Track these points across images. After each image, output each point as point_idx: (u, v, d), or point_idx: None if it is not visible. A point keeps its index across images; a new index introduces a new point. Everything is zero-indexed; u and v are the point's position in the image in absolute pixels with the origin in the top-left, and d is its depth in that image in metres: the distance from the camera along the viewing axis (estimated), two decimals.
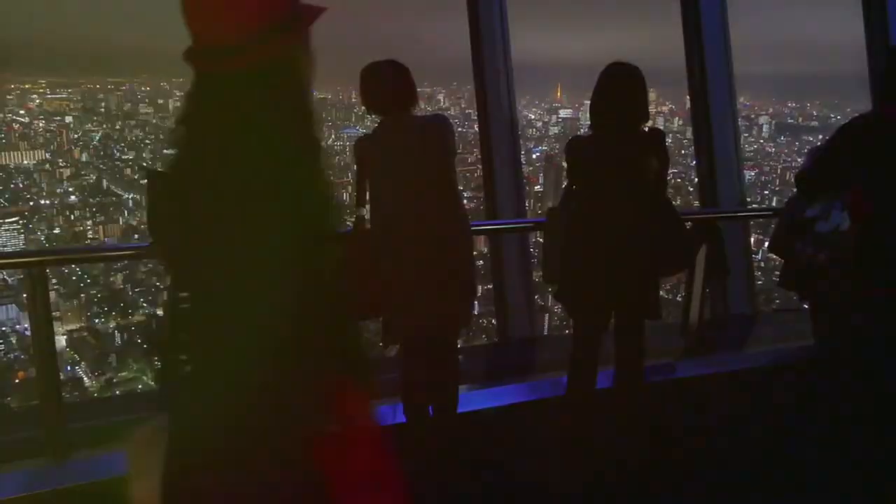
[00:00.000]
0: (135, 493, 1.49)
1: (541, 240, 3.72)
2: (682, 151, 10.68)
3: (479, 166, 5.14)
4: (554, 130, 12.33)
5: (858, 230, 2.96)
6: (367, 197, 3.14)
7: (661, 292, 3.45)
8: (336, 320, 1.40)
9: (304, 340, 1.32)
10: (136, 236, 10.09)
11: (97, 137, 11.05)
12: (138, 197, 10.19)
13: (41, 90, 11.07)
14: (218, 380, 1.35)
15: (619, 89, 3.10)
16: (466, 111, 10.97)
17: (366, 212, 3.15)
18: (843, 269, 3.02)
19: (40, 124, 10.91)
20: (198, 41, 1.34)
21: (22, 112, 11.04)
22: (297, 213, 1.32)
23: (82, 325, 9.36)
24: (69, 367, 8.82)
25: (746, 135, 11.66)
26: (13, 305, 8.78)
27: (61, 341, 8.71)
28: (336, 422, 1.41)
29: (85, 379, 8.94)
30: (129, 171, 10.89)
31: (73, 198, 10.36)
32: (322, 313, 1.35)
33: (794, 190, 3.30)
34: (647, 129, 3.16)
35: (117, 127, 11.18)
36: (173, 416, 1.43)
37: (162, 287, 9.67)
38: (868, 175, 2.95)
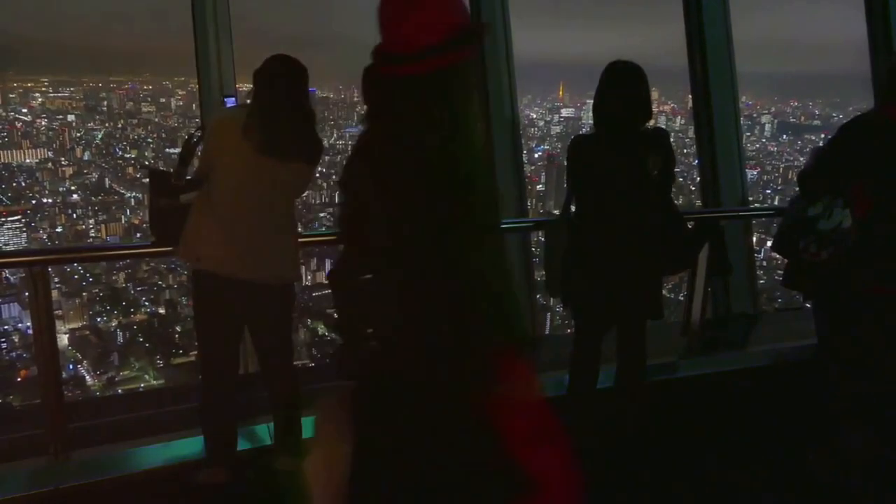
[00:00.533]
0: (318, 457, 1.66)
1: (542, 239, 3.72)
2: (685, 150, 10.66)
3: None
4: (556, 130, 12.31)
5: (860, 228, 2.97)
6: None
7: (662, 291, 3.45)
8: (501, 298, 1.64)
9: (477, 315, 1.57)
10: (138, 235, 10.09)
11: (99, 136, 11.05)
12: (140, 196, 10.19)
13: (43, 89, 11.07)
14: (403, 350, 1.59)
15: (622, 88, 3.09)
16: None
17: None
18: (845, 267, 3.03)
19: (42, 123, 10.91)
20: (390, 47, 1.61)
21: (24, 110, 11.04)
22: (475, 203, 1.58)
23: (84, 323, 9.36)
24: (71, 366, 8.82)
25: (748, 134, 11.64)
26: (15, 304, 8.79)
27: (63, 340, 8.72)
28: (505, 386, 1.62)
29: (87, 377, 8.94)
30: (131, 169, 10.89)
31: (75, 196, 10.36)
32: (490, 292, 1.60)
33: (797, 189, 3.30)
34: (650, 127, 3.16)
35: (119, 126, 11.18)
36: (359, 384, 1.65)
37: (164, 286, 9.68)
38: (869, 174, 2.95)
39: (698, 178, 5.61)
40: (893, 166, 2.91)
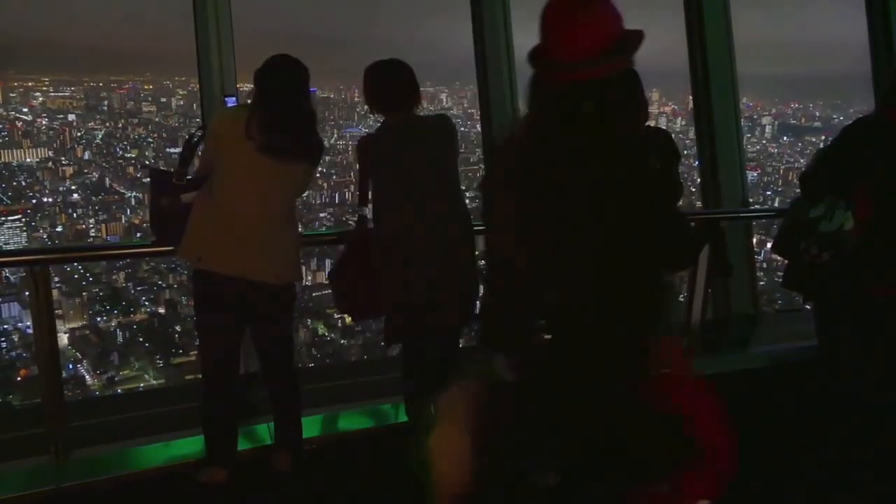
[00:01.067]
0: (444, 438, 1.80)
1: None
2: (685, 151, 10.63)
3: (482, 166, 5.14)
4: None
5: (862, 230, 2.98)
6: (370, 196, 3.14)
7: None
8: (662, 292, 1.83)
9: (646, 307, 1.75)
10: (138, 234, 10.08)
11: (100, 135, 11.04)
12: (141, 195, 10.18)
13: (44, 88, 11.07)
14: (578, 339, 1.73)
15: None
16: (469, 111, 10.95)
17: (367, 211, 3.15)
18: (846, 268, 3.03)
19: (43, 122, 10.90)
20: (553, 55, 1.69)
21: (25, 110, 11.03)
22: (648, 201, 1.73)
23: (84, 323, 9.36)
24: (71, 366, 8.82)
25: (749, 135, 11.62)
26: (15, 303, 8.78)
27: (63, 339, 8.71)
28: (671, 365, 1.82)
29: (87, 377, 8.94)
30: (131, 169, 10.88)
31: (75, 196, 10.35)
32: (658, 287, 1.79)
33: (798, 191, 3.30)
34: (650, 127, 3.16)
35: (120, 125, 11.17)
36: (528, 368, 1.79)
37: (164, 285, 9.68)
38: (871, 176, 2.96)
39: (699, 180, 5.61)
40: (894, 169, 2.92)
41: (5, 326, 8.86)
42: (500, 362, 1.84)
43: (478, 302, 3.33)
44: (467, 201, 3.25)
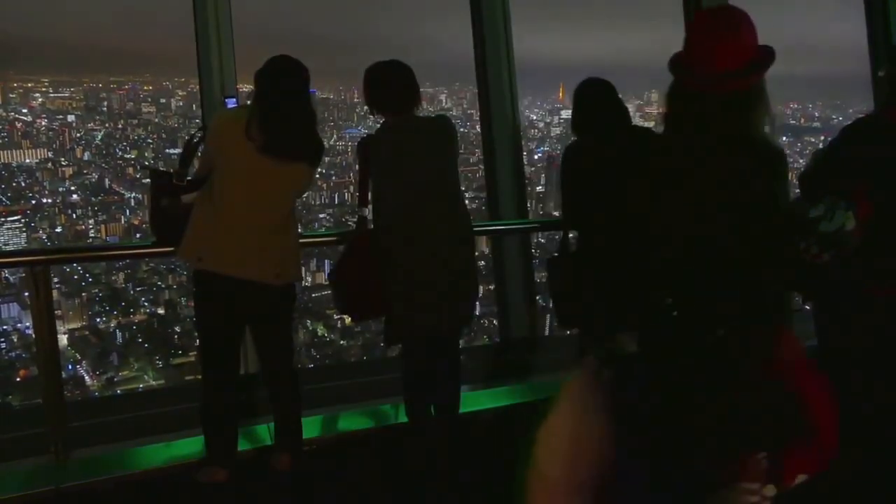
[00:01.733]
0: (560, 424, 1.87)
1: (542, 240, 3.73)
2: None
3: (481, 167, 5.14)
4: (556, 131, 12.32)
5: (862, 230, 2.98)
6: (369, 197, 3.14)
7: None
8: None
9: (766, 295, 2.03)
10: (138, 235, 10.09)
11: (99, 136, 11.05)
12: (140, 196, 10.19)
13: (44, 89, 11.08)
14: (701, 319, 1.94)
15: (599, 98, 3.19)
16: (468, 111, 10.97)
17: (367, 212, 3.15)
18: (847, 268, 3.04)
19: (43, 123, 10.91)
20: (698, 66, 1.91)
21: (25, 110, 11.05)
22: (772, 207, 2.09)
23: (84, 323, 9.36)
24: (71, 366, 8.82)
25: None
26: (15, 304, 8.79)
27: (63, 340, 8.72)
28: (784, 349, 1.96)
29: (86, 378, 8.95)
30: (131, 170, 10.89)
31: (75, 196, 10.36)
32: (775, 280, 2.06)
33: (797, 191, 3.30)
34: (637, 128, 3.23)
35: (120, 126, 11.18)
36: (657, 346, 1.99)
37: (163, 286, 9.68)
38: (871, 176, 2.96)
39: None
40: (895, 168, 2.93)
41: (5, 327, 8.87)
42: (626, 338, 2.03)
43: (476, 303, 3.34)
44: (467, 201, 3.26)
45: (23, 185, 10.33)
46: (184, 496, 3.04)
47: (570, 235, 3.42)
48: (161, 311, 9.65)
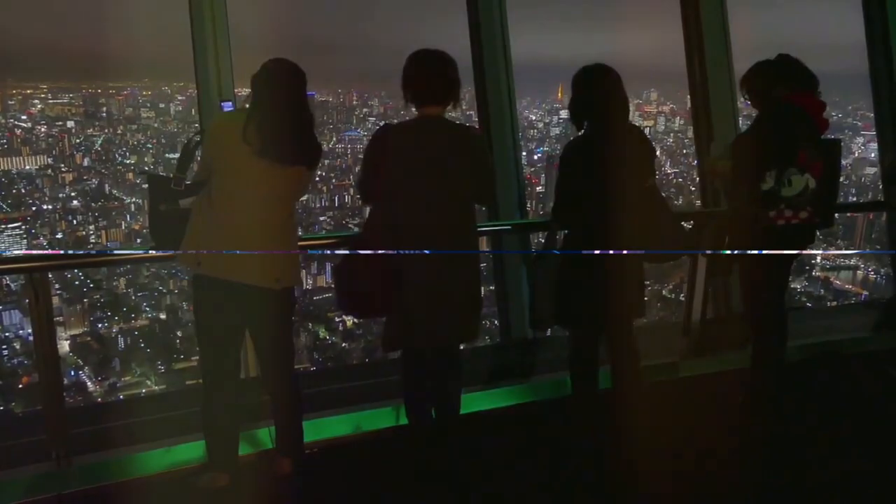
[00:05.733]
0: None
1: (542, 240, 3.72)
2: (684, 151, 10.65)
3: None
4: (555, 131, 12.30)
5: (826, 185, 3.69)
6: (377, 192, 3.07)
7: (664, 292, 3.49)
8: None
9: None
10: (138, 241, 10.08)
11: (99, 142, 11.04)
12: (140, 201, 10.18)
13: (43, 95, 11.07)
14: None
15: (600, 90, 3.22)
16: (467, 112, 10.96)
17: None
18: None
19: (42, 129, 10.90)
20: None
21: (24, 117, 11.03)
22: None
23: (85, 329, 9.35)
24: (72, 372, 8.81)
25: None
26: (16, 310, 8.78)
27: (64, 346, 8.71)
28: None
29: (88, 383, 8.94)
30: (130, 175, 10.88)
31: (75, 202, 10.34)
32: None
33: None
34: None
35: (119, 131, 11.17)
36: None
37: (165, 291, 9.67)
38: (806, 144, 3.62)
39: (698, 179, 5.61)
40: (819, 138, 3.74)
41: (6, 334, 8.86)
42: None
43: (479, 324, 3.31)
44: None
45: (23, 191, 10.32)
46: (185, 501, 3.03)
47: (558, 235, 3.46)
48: (163, 316, 9.63)
